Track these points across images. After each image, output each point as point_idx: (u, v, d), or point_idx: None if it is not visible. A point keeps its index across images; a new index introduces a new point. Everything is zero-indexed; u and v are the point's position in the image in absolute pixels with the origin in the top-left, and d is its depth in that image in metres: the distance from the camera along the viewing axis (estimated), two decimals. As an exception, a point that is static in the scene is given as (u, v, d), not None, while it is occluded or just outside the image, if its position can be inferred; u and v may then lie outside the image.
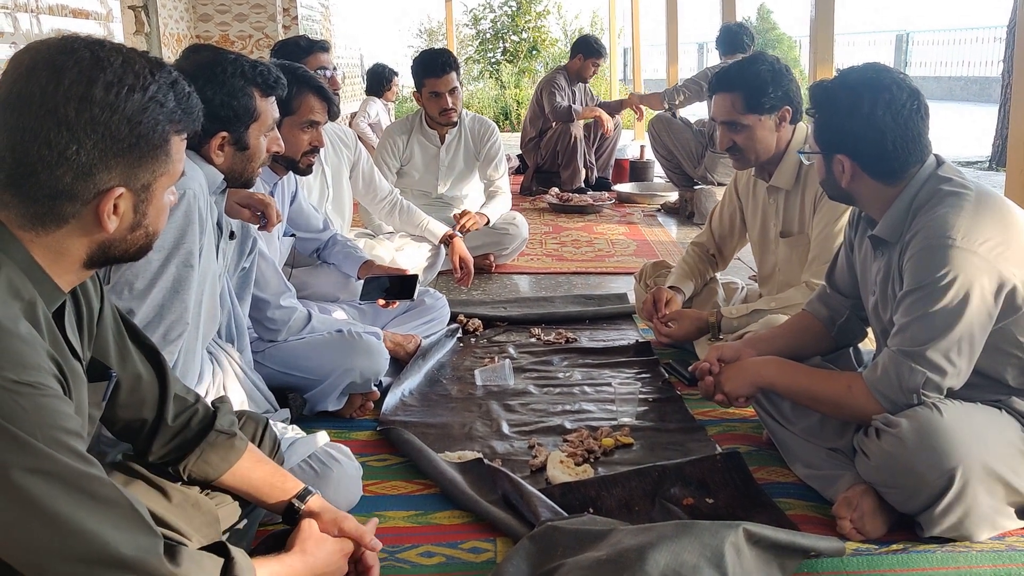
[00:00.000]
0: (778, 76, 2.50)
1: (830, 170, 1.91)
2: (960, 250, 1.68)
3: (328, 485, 1.84)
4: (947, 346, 1.70)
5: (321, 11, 8.09)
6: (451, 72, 4.07)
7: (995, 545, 1.76)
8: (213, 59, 1.90)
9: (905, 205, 1.82)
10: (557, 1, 17.83)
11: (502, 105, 14.51)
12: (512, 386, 2.71)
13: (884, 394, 1.77)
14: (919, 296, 1.72)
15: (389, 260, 3.47)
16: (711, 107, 2.61)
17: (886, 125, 1.78)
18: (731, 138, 2.56)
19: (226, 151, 1.92)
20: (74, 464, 1.05)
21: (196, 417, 1.49)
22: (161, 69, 1.17)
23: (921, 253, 1.73)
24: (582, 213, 5.90)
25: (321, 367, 2.38)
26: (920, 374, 1.72)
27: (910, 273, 1.75)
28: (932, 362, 1.71)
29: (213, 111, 1.84)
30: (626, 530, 1.68)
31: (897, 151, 1.80)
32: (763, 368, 2.02)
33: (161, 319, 1.70)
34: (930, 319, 1.70)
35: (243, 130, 1.92)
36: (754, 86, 2.49)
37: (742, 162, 2.63)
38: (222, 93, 1.87)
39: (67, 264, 1.16)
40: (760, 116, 2.51)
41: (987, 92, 16.62)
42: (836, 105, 1.85)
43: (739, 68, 2.55)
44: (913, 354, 1.72)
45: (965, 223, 1.71)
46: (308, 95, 2.45)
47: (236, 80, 1.89)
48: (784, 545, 1.64)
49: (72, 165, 1.09)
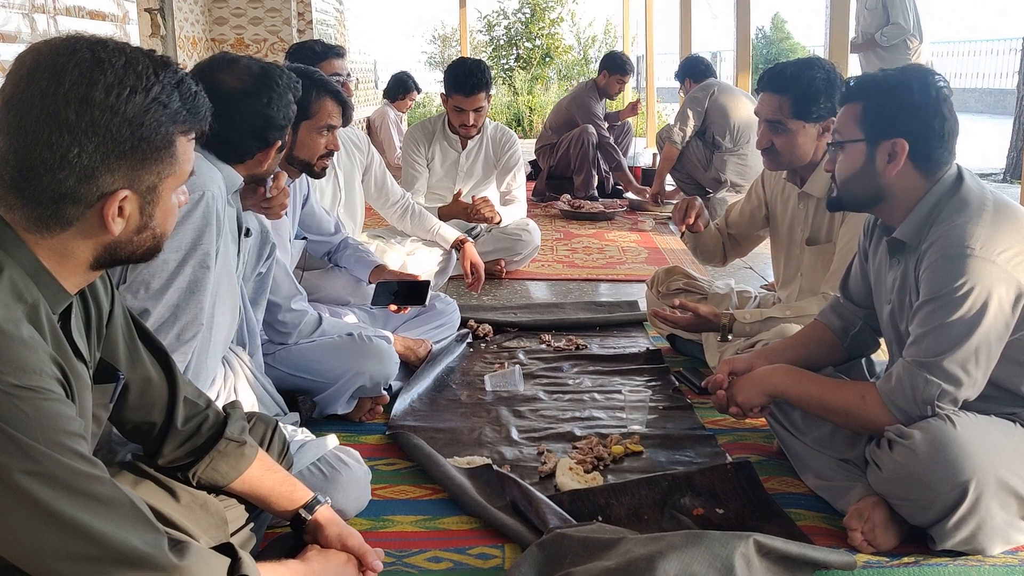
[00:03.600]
0: (831, 87, 2.45)
1: (872, 160, 1.84)
2: (978, 259, 1.67)
3: (337, 489, 1.84)
4: (963, 357, 1.68)
5: (336, 16, 8.12)
6: (480, 93, 4.08)
7: (1008, 560, 1.74)
8: (266, 72, 1.93)
9: (927, 210, 1.81)
10: (571, 8, 17.87)
11: (515, 111, 14.54)
12: (522, 392, 2.71)
13: (898, 405, 1.75)
14: (936, 306, 1.70)
15: (400, 264, 3.47)
16: (756, 103, 2.58)
17: (945, 113, 1.79)
18: (771, 139, 2.53)
19: (274, 157, 1.99)
20: (76, 465, 1.05)
21: (207, 423, 1.49)
22: (166, 69, 1.16)
23: (938, 263, 1.71)
24: (593, 220, 5.90)
25: (331, 370, 2.38)
26: (935, 386, 1.70)
27: (927, 283, 1.73)
28: (948, 373, 1.69)
29: (275, 123, 1.92)
30: (635, 539, 1.67)
31: (946, 143, 1.80)
32: (774, 376, 2.00)
33: (176, 319, 1.70)
34: (946, 330, 1.68)
35: (286, 134, 1.99)
36: (806, 93, 2.45)
37: (776, 163, 2.61)
38: (282, 105, 1.92)
39: (73, 266, 1.15)
40: (805, 123, 2.48)
41: (1002, 104, 16.55)
42: (896, 88, 1.81)
43: (795, 71, 2.48)
44: (928, 365, 1.71)
45: (983, 232, 1.70)
46: (326, 99, 2.46)
47: (288, 92, 1.94)
48: (794, 557, 1.63)
49: (74, 168, 1.09)
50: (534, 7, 17.66)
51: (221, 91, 1.78)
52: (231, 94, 1.84)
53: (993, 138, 10.17)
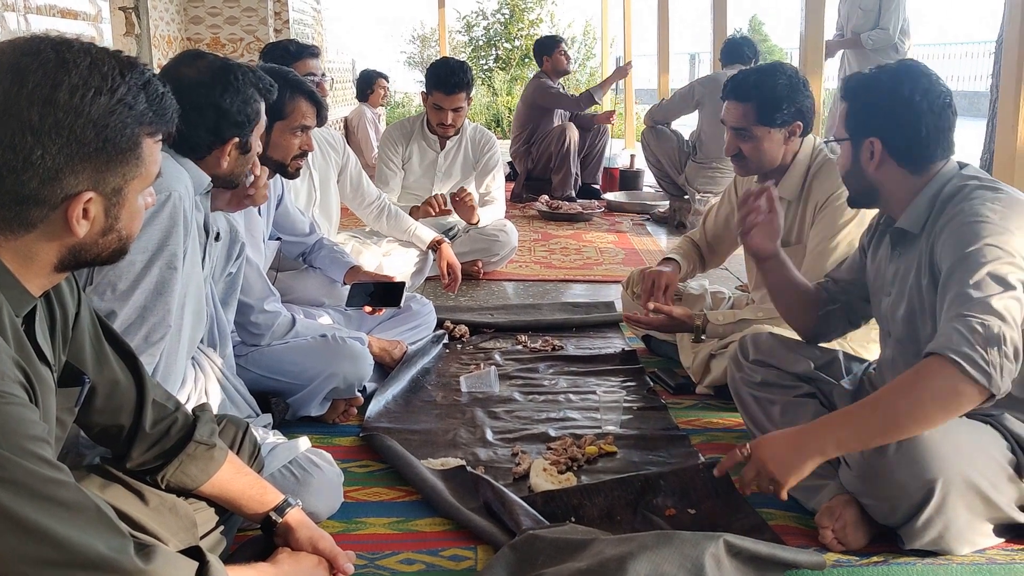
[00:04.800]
0: (794, 91, 2.49)
1: (857, 158, 1.90)
2: (998, 226, 1.67)
3: (309, 491, 1.84)
4: (1007, 301, 1.58)
5: (313, 15, 8.08)
6: (460, 92, 4.09)
7: (975, 558, 1.76)
8: (226, 66, 1.90)
9: (930, 198, 1.83)
10: (550, 9, 17.89)
11: (494, 112, 14.54)
12: (497, 393, 2.71)
13: (964, 354, 1.53)
14: (965, 265, 1.64)
15: (376, 265, 3.46)
16: (722, 111, 2.60)
17: (922, 110, 1.80)
18: (738, 145, 2.56)
19: (232, 155, 1.93)
20: (40, 470, 1.03)
21: (176, 426, 1.48)
22: (132, 70, 1.14)
23: (960, 229, 1.70)
24: (571, 221, 5.91)
25: (304, 372, 2.37)
26: (993, 325, 1.54)
27: (949, 249, 1.70)
28: (997, 311, 1.56)
29: (230, 118, 1.87)
30: (607, 540, 1.67)
31: (929, 139, 1.82)
32: (813, 440, 1.67)
33: (143, 321, 1.69)
34: (983, 279, 1.61)
35: (249, 135, 1.94)
36: (769, 100, 2.48)
37: (745, 169, 2.64)
38: (239, 100, 1.89)
39: (37, 268, 1.14)
40: (771, 129, 2.51)
41: (976, 106, 16.72)
42: (875, 88, 1.86)
43: (757, 78, 2.51)
44: (978, 305, 1.57)
45: (1001, 208, 1.71)
46: (300, 100, 2.45)
47: (248, 87, 1.91)
48: (764, 558, 1.64)
49: (38, 170, 1.07)
50: (513, 8, 17.66)
51: (181, 84, 1.77)
52: (187, 85, 1.82)
53: (967, 139, 10.28)
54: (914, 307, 1.85)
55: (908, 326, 1.87)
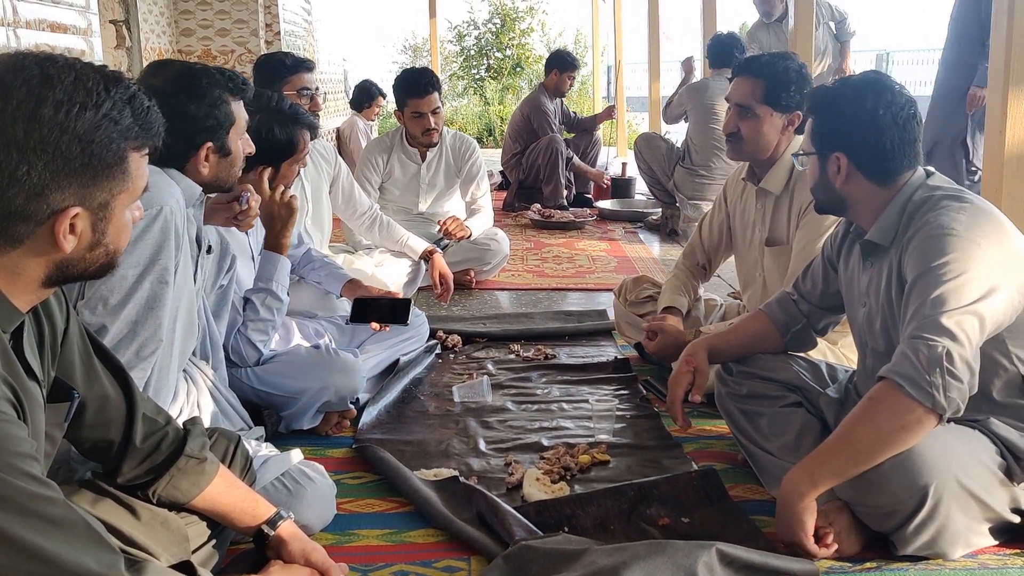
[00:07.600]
0: (802, 79, 2.55)
1: (824, 171, 1.91)
2: (963, 239, 1.69)
3: (301, 503, 1.83)
4: (957, 316, 1.62)
5: (304, 27, 8.09)
6: (433, 92, 4.09)
7: (967, 563, 1.77)
8: (188, 71, 1.90)
9: (898, 209, 1.84)
10: (541, 19, 17.97)
11: (486, 121, 14.57)
12: (490, 403, 2.71)
13: (907, 376, 1.61)
14: (925, 280, 1.68)
15: (369, 276, 3.46)
16: (729, 89, 2.64)
17: (886, 124, 1.82)
18: (738, 124, 2.59)
19: (211, 160, 1.93)
20: (28, 487, 1.03)
21: (166, 440, 1.47)
22: (117, 84, 1.15)
23: (925, 243, 1.73)
24: (564, 229, 5.92)
25: (297, 385, 2.36)
26: (936, 345, 1.61)
27: (914, 263, 1.73)
28: (944, 328, 1.61)
29: (198, 123, 1.86)
30: (600, 550, 1.67)
31: (895, 152, 1.83)
32: (799, 485, 1.73)
33: (135, 335, 1.68)
34: (938, 296, 1.65)
35: (225, 137, 1.94)
36: (779, 80, 2.53)
37: (738, 152, 2.65)
38: (205, 104, 1.88)
39: (24, 284, 1.14)
40: (773, 111, 2.54)
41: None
42: (839, 103, 1.88)
43: (770, 59, 2.59)
44: (925, 326, 1.63)
45: (966, 219, 1.72)
46: (303, 133, 2.47)
47: (214, 90, 1.90)
48: (757, 566, 1.64)
49: (23, 186, 1.07)
50: (504, 18, 17.73)
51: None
52: (154, 96, 1.83)
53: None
54: (887, 319, 1.86)
55: (886, 337, 1.89)
